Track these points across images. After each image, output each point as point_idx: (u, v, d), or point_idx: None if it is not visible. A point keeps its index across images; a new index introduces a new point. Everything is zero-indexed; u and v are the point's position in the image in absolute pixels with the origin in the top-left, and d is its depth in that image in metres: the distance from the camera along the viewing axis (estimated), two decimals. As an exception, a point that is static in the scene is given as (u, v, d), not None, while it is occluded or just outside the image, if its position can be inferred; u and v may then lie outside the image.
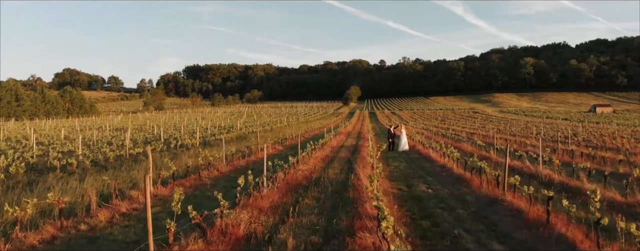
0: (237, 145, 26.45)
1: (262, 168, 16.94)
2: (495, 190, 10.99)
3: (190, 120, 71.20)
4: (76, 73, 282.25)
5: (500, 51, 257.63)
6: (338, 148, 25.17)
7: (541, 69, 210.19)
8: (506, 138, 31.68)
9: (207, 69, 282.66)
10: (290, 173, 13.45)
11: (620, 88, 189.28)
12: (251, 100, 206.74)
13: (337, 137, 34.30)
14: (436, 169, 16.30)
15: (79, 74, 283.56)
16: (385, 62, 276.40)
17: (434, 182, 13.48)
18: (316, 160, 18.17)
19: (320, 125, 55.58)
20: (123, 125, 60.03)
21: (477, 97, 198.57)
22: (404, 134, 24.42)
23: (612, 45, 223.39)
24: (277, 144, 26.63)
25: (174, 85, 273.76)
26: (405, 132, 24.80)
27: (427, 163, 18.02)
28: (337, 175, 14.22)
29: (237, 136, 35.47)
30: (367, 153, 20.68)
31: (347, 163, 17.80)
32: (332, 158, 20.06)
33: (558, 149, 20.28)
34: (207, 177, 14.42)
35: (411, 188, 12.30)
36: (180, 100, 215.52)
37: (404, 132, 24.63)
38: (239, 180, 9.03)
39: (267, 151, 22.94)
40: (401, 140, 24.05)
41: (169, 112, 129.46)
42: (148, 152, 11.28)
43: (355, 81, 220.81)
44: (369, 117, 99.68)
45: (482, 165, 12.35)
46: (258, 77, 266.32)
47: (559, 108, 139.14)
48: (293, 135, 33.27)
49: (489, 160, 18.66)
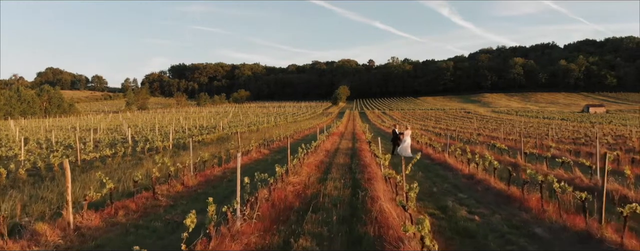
0: (216, 148, 22.82)
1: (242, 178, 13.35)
2: (575, 219, 7.55)
3: (171, 120, 67.15)
4: (59, 73, 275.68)
5: (489, 51, 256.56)
6: (333, 152, 21.65)
7: (530, 69, 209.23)
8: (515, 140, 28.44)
9: (193, 68, 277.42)
10: (278, 190, 9.90)
11: (610, 89, 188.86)
12: (238, 100, 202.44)
13: (330, 138, 30.79)
14: (463, 181, 12.86)
15: (62, 73, 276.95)
16: (374, 62, 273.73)
17: (472, 201, 10.02)
18: (309, 168, 14.63)
19: (310, 126, 52.02)
20: (98, 126, 55.95)
21: (467, 97, 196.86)
22: (409, 137, 20.98)
23: (600, 45, 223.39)
24: (263, 147, 23.04)
25: (159, 84, 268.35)
26: (409, 133, 21.35)
27: (448, 172, 14.58)
28: (339, 190, 10.68)
29: (218, 137, 31.79)
30: (371, 158, 17.18)
31: (349, 172, 14.30)
32: (329, 164, 16.54)
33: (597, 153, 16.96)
34: (165, 194, 10.79)
35: (447, 212, 8.81)
36: (165, 100, 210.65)
37: (409, 134, 21.18)
38: (186, 220, 5.42)
39: (249, 156, 19.34)
40: (404, 144, 20.61)
41: (152, 112, 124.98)
42: (65, 165, 7.63)
43: (344, 81, 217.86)
44: (359, 117, 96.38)
45: (541, 178, 8.91)
46: (245, 77, 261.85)
47: (551, 109, 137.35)
48: (281, 136, 29.70)
49: (518, 167, 15.33)
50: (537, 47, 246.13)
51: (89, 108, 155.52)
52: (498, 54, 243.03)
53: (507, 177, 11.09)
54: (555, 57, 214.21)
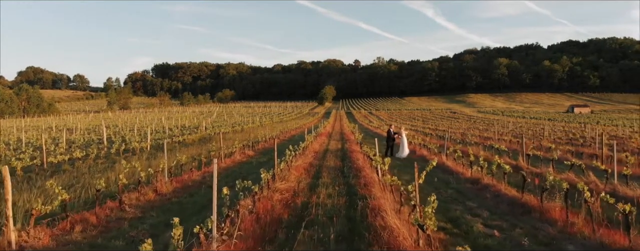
0: (197, 149, 21.42)
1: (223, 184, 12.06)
2: (613, 234, 6.44)
3: (153, 120, 65.23)
4: (40, 72, 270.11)
5: (474, 52, 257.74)
6: (322, 154, 20.41)
7: (515, 70, 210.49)
8: (511, 140, 27.54)
9: (177, 68, 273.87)
10: (263, 199, 8.62)
11: (593, 89, 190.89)
12: (223, 99, 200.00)
13: (318, 138, 29.56)
14: (467, 186, 11.73)
15: (43, 72, 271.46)
16: (360, 62, 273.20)
17: (484, 211, 8.86)
18: (298, 172, 13.38)
19: (297, 126, 50.73)
20: (76, 125, 53.89)
21: (452, 98, 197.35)
22: (405, 137, 19.86)
23: (584, 46, 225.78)
24: (247, 148, 21.70)
25: (142, 84, 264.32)
26: (405, 134, 20.21)
27: (448, 176, 13.44)
28: (333, 199, 9.44)
29: (200, 138, 30.32)
30: (364, 160, 16.00)
31: (341, 176, 13.08)
32: (319, 167, 15.30)
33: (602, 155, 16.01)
34: (134, 204, 9.45)
35: (459, 225, 7.63)
36: (148, 100, 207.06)
37: (405, 135, 20.05)
38: (143, 247, 4.14)
39: (232, 158, 18.00)
40: (402, 145, 19.47)
41: (134, 112, 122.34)
42: (4, 173, 6.27)
43: (330, 81, 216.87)
44: (346, 117, 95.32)
45: (566, 186, 7.80)
46: (230, 76, 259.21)
47: (536, 109, 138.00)
48: (266, 136, 28.38)
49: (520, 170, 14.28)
50: (521, 48, 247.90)
51: (69, 108, 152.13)
52: (482, 55, 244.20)
53: (520, 183, 9.98)
54: (539, 57, 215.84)
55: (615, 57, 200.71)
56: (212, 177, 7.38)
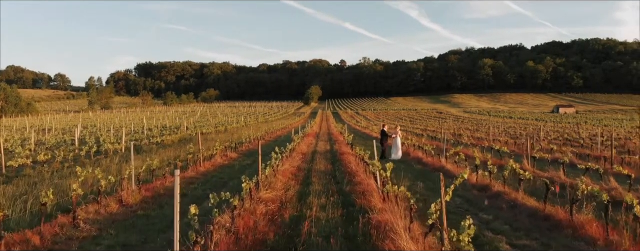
0: (175, 151, 19.90)
1: (199, 193, 10.63)
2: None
3: (134, 120, 63.17)
4: (20, 71, 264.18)
5: (458, 52, 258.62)
6: (311, 156, 19.06)
7: (499, 70, 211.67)
8: (507, 141, 26.52)
9: (160, 67, 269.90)
10: (245, 213, 7.24)
11: (576, 90, 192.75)
12: (207, 99, 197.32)
13: (305, 139, 28.20)
14: (475, 193, 10.49)
15: (24, 72, 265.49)
16: (346, 62, 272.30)
17: (503, 225, 7.62)
18: (285, 178, 12.01)
19: (283, 126, 49.31)
20: (52, 126, 51.74)
21: (437, 98, 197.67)
22: (399, 138, 18.62)
23: (567, 47, 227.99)
24: (230, 150, 20.23)
25: (125, 83, 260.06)
26: (399, 134, 18.97)
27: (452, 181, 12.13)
28: (328, 212, 8.07)
29: (180, 139, 28.73)
30: (357, 164, 14.68)
31: (333, 182, 11.74)
32: (308, 172, 13.95)
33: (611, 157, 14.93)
34: (92, 218, 7.99)
35: (481, 245, 6.35)
36: (130, 99, 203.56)
37: (399, 135, 18.82)
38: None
39: (213, 161, 16.52)
40: (396, 145, 18.24)
41: (115, 111, 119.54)
42: None
43: (316, 81, 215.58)
44: (333, 117, 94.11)
45: (606, 197, 6.56)
46: (214, 76, 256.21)
47: (521, 109, 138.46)
48: (251, 137, 26.91)
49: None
50: (505, 49, 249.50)
51: (49, 108, 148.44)
52: (467, 55, 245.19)
53: (539, 191, 8.75)
54: (523, 58, 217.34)
55: (598, 58, 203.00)
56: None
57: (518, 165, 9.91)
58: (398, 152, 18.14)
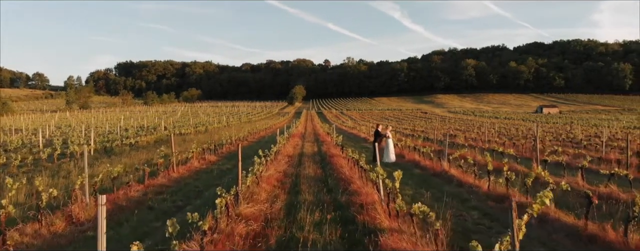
0: (149, 153, 18.20)
1: (167, 206, 9.01)
2: None
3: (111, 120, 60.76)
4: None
5: (441, 53, 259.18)
6: (298, 158, 17.48)
7: (482, 71, 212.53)
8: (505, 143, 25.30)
9: (141, 66, 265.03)
10: (221, 237, 5.67)
11: (558, 90, 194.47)
12: (189, 99, 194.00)
13: (291, 140, 26.61)
14: (490, 205, 9.05)
15: (1, 71, 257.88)
16: (330, 62, 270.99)
17: (540, 247, 6.17)
18: (270, 186, 10.43)
19: (266, 126, 47.61)
20: (24, 126, 49.23)
21: (420, 98, 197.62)
22: (391, 139, 17.18)
23: (549, 48, 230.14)
24: (209, 152, 18.55)
25: (105, 82, 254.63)
26: (391, 135, 17.53)
27: (458, 189, 10.75)
28: (325, 233, 6.52)
29: (156, 140, 26.89)
30: (350, 168, 13.17)
31: (326, 192, 10.19)
32: (295, 177, 12.39)
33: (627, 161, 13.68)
34: (28, 241, 6.35)
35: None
36: (110, 99, 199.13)
37: (391, 136, 17.38)
38: None
39: (188, 165, 14.83)
40: (388, 148, 16.79)
41: (93, 111, 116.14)
42: None
43: (300, 81, 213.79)
44: (318, 117, 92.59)
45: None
46: (197, 75, 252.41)
47: (504, 109, 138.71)
48: (233, 138, 25.22)
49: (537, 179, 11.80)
50: (488, 49, 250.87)
51: (26, 108, 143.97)
52: (450, 56, 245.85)
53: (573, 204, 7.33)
54: (505, 59, 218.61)
55: (580, 59, 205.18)
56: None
57: (546, 172, 8.49)
58: (391, 155, 16.72)
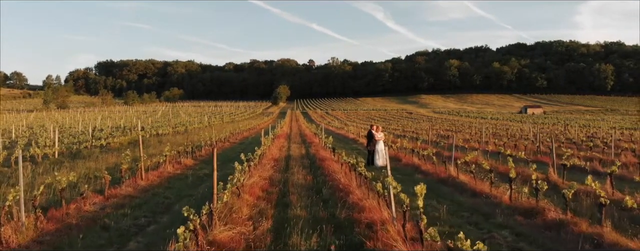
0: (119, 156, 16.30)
1: (127, 224, 7.34)
2: None
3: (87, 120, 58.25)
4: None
5: (425, 53, 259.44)
6: (284, 162, 15.85)
7: (465, 71, 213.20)
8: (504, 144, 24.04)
9: (122, 65, 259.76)
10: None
11: (541, 90, 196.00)
12: (170, 98, 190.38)
13: (276, 141, 24.94)
14: (518, 220, 7.54)
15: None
16: (314, 62, 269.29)
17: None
18: (253, 198, 8.79)
19: (250, 126, 45.79)
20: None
21: (405, 98, 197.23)
22: (382, 141, 15.68)
23: (531, 48, 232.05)
24: (186, 155, 16.78)
25: (85, 82, 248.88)
26: (382, 137, 16.01)
27: (474, 200, 9.24)
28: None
29: (131, 140, 24.96)
30: (345, 175, 11.57)
31: (322, 205, 8.58)
32: (283, 185, 10.75)
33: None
34: None
35: None
36: (90, 98, 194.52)
37: (382, 138, 15.87)
38: None
39: (160, 170, 13.03)
40: (379, 150, 15.28)
41: (71, 111, 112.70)
42: None
43: (284, 80, 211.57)
44: (303, 117, 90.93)
45: None
46: (179, 75, 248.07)
47: (489, 109, 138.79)
48: (213, 139, 23.44)
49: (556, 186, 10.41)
50: (471, 50, 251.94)
51: (2, 107, 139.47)
52: (434, 57, 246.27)
53: (619, 220, 5.84)
54: (488, 59, 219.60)
55: (562, 60, 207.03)
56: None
57: (598, 185, 7.01)
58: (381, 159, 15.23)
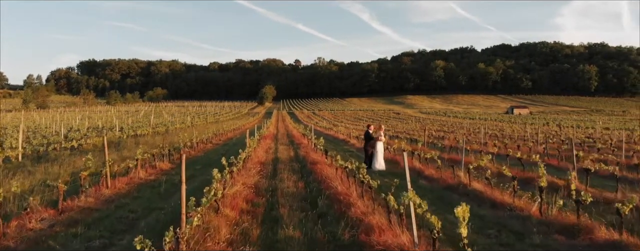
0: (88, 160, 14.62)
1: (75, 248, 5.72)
2: None
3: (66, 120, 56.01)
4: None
5: (411, 54, 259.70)
6: (272, 166, 14.37)
7: (451, 72, 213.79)
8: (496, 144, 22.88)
9: (105, 65, 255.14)
10: None
11: (526, 91, 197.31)
12: (154, 98, 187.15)
13: (263, 142, 23.44)
14: (561, 240, 6.23)
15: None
16: (301, 62, 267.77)
17: None
18: (235, 212, 7.33)
19: (235, 127, 44.15)
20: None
21: (391, 99, 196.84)
22: (381, 143, 14.37)
23: (516, 50, 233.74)
24: (162, 158, 15.21)
25: (67, 81, 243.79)
26: (383, 139, 14.70)
27: (494, 212, 7.90)
28: None
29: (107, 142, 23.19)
30: (341, 181, 10.16)
31: (319, 222, 7.16)
32: (271, 194, 9.31)
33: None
34: None
35: None
36: (71, 98, 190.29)
37: (383, 139, 14.55)
38: None
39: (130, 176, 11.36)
40: (377, 153, 13.97)
41: (51, 111, 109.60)
42: None
43: (270, 80, 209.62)
44: (289, 117, 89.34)
45: None
46: (162, 74, 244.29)
47: (475, 110, 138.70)
48: (194, 140, 21.86)
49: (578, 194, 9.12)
50: (457, 51, 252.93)
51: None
52: (420, 57, 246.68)
53: None
54: (474, 60, 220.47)
55: (546, 61, 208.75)
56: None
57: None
58: (381, 163, 13.94)
